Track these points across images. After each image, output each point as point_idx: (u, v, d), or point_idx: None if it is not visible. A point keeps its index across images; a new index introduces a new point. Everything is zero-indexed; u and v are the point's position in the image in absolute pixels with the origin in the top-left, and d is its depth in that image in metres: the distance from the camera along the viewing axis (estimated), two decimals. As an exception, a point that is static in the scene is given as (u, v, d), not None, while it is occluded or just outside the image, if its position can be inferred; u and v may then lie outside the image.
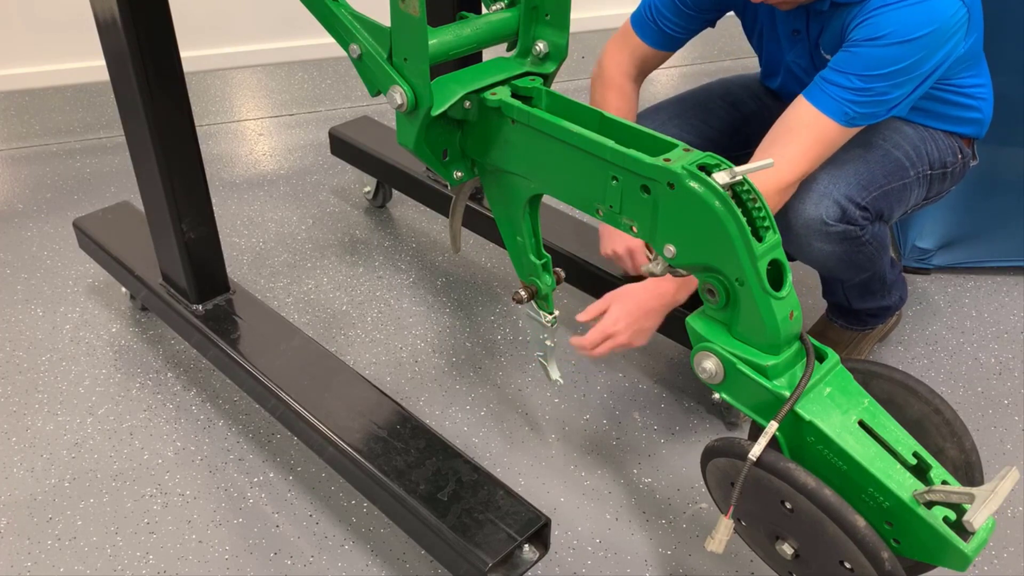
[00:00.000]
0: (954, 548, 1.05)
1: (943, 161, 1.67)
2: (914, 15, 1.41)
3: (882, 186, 1.60)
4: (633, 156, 1.10)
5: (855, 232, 1.58)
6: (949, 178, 1.71)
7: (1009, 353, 1.98)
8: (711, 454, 1.20)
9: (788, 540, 1.17)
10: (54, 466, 1.73)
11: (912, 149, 1.64)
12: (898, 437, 1.12)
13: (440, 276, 2.24)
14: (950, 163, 1.68)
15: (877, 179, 1.59)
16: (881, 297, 1.84)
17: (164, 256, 1.83)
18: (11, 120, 2.95)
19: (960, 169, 1.72)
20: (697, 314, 1.18)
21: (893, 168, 1.62)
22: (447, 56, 1.27)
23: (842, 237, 1.57)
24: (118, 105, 1.67)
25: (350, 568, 1.54)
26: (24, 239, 2.39)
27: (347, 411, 1.56)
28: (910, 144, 1.64)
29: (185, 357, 1.98)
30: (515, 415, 1.84)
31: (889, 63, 1.42)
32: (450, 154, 1.35)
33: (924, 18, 1.41)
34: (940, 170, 1.68)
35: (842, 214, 1.56)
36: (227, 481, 1.69)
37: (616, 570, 1.53)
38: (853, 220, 1.57)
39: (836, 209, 1.55)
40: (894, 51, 1.42)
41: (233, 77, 3.23)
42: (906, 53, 1.42)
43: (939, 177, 1.69)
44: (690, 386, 1.90)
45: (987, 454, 1.66)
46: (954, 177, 1.72)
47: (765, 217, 1.07)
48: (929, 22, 1.41)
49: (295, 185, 2.63)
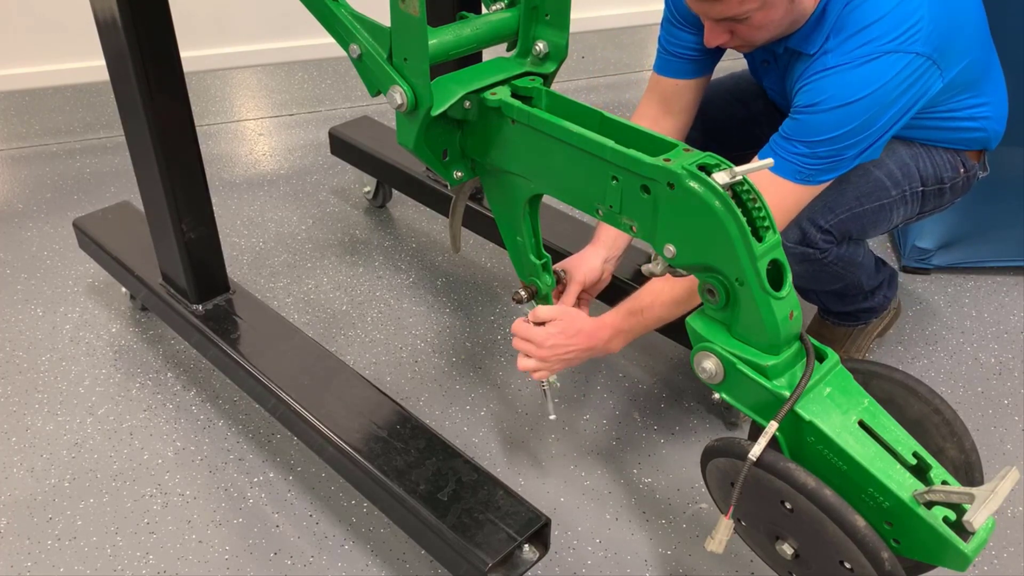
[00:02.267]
0: (954, 548, 1.05)
1: (938, 177, 1.62)
2: (851, 79, 1.35)
3: (851, 208, 1.56)
4: (633, 156, 1.10)
5: (815, 255, 1.56)
6: (949, 193, 1.66)
7: (1009, 353, 1.98)
8: (711, 454, 1.20)
9: (788, 540, 1.17)
10: (54, 466, 1.73)
11: (898, 168, 1.58)
12: (898, 437, 1.12)
13: (440, 276, 2.24)
14: (948, 178, 1.63)
15: (847, 200, 1.56)
16: (862, 300, 1.83)
17: (164, 256, 1.83)
18: (11, 120, 2.96)
19: (963, 183, 1.66)
20: (697, 314, 1.18)
21: (870, 189, 1.57)
22: (447, 56, 1.27)
23: (801, 258, 1.56)
24: (118, 105, 1.67)
25: (350, 568, 1.54)
26: (24, 239, 2.39)
27: (347, 411, 1.56)
28: (897, 163, 1.58)
29: (185, 357, 1.98)
30: (515, 415, 1.84)
31: (832, 128, 1.37)
32: (450, 154, 1.35)
33: (862, 81, 1.35)
34: (935, 186, 1.63)
35: (802, 236, 1.54)
36: (227, 481, 1.69)
37: (616, 570, 1.53)
38: (813, 243, 1.55)
39: (796, 231, 1.54)
40: (834, 115, 1.37)
41: (233, 77, 3.23)
42: (848, 116, 1.36)
43: (934, 193, 1.64)
44: (690, 386, 1.90)
45: (987, 454, 1.66)
46: (956, 191, 1.67)
47: (765, 217, 1.07)
48: (867, 84, 1.35)
49: (295, 185, 2.63)
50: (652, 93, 1.70)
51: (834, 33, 1.39)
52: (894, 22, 1.36)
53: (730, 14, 1.38)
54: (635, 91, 2.15)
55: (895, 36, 1.36)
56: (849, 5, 1.39)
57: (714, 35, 1.45)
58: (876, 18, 1.36)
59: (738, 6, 1.35)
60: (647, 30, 3.44)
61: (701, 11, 1.41)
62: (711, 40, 1.46)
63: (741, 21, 1.39)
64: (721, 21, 1.42)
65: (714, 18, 1.42)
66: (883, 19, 1.36)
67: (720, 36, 1.45)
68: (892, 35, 1.36)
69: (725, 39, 1.46)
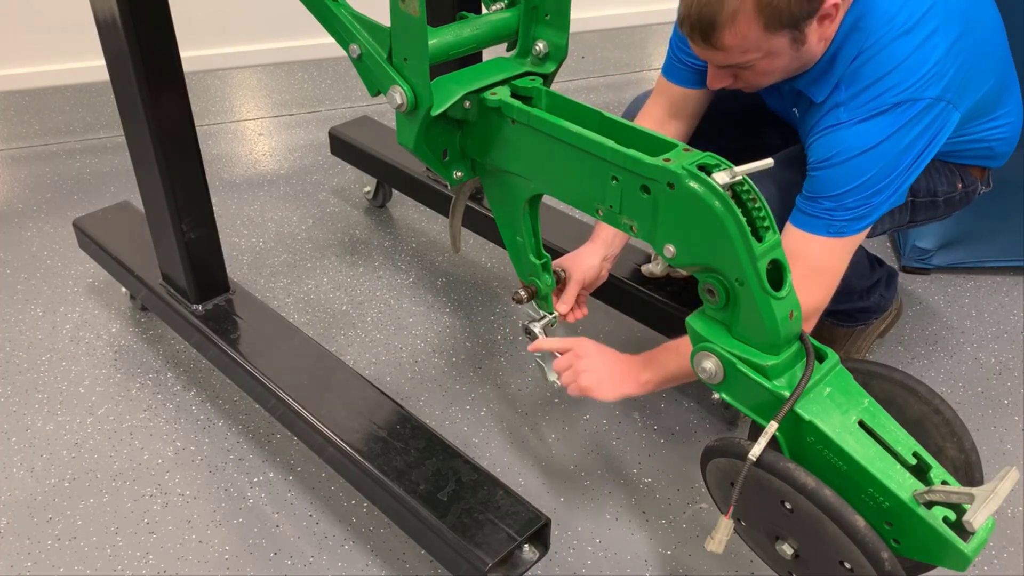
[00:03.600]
0: (954, 548, 1.05)
1: (931, 190, 1.61)
2: (864, 130, 1.34)
3: None
4: (633, 156, 1.10)
5: None
6: (943, 206, 1.64)
7: (1009, 353, 1.98)
8: (711, 454, 1.20)
9: (788, 540, 1.17)
10: (54, 466, 1.73)
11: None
12: (898, 437, 1.12)
13: (440, 276, 2.24)
14: (942, 192, 1.62)
15: None
16: (858, 299, 1.83)
17: (164, 256, 1.83)
18: (11, 120, 2.96)
19: (961, 198, 1.65)
20: (697, 314, 1.18)
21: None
22: (447, 56, 1.27)
23: None
24: (118, 105, 1.67)
25: (350, 568, 1.54)
26: (24, 239, 2.39)
27: (347, 411, 1.56)
28: None
29: (185, 357, 1.98)
30: (515, 415, 1.84)
31: (853, 178, 1.35)
32: (450, 154, 1.35)
33: (875, 130, 1.33)
34: (927, 198, 1.62)
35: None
36: (227, 481, 1.69)
37: (616, 570, 1.53)
38: None
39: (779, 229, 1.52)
40: (851, 165, 1.35)
41: (233, 77, 3.23)
42: (866, 164, 1.34)
43: (925, 205, 1.63)
44: (690, 386, 1.89)
45: (987, 454, 1.66)
46: (951, 204, 1.65)
47: (765, 217, 1.07)
48: (880, 132, 1.33)
49: (295, 185, 2.63)
50: (660, 96, 1.69)
51: (845, 84, 1.37)
52: (907, 71, 1.33)
53: (733, 62, 1.36)
54: (635, 91, 2.15)
55: (907, 86, 1.33)
56: (861, 57, 1.35)
57: (717, 79, 1.43)
58: (889, 69, 1.33)
59: (740, 56, 1.33)
60: (647, 30, 3.44)
61: (705, 58, 1.40)
62: (713, 83, 1.44)
63: (745, 68, 1.38)
64: (725, 67, 1.41)
65: (718, 65, 1.41)
66: (896, 69, 1.33)
67: (724, 80, 1.44)
68: (904, 85, 1.33)
69: (728, 83, 1.44)
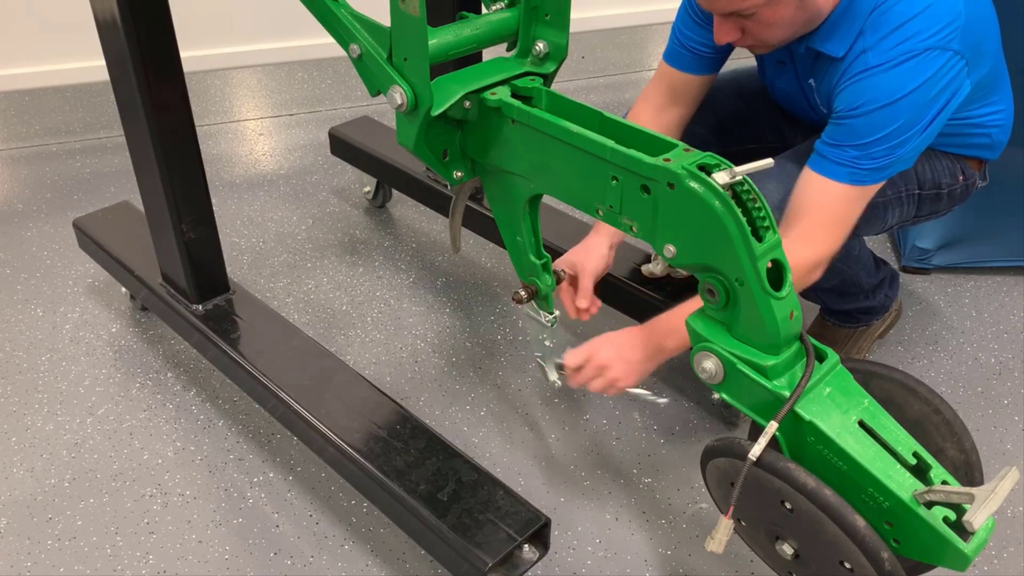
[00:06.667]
0: (954, 548, 1.06)
1: (936, 182, 1.62)
2: (893, 77, 1.35)
3: None
4: (633, 156, 1.10)
5: None
6: (946, 199, 1.66)
7: (1009, 353, 1.98)
8: (711, 454, 1.20)
9: (788, 540, 1.17)
10: (54, 466, 1.73)
11: None
12: (898, 437, 1.12)
13: (440, 276, 2.24)
14: (946, 184, 1.63)
15: None
16: (864, 299, 1.83)
17: (164, 256, 1.83)
18: (11, 120, 2.96)
19: (962, 191, 1.66)
20: (697, 314, 1.18)
21: None
22: (447, 56, 1.27)
23: None
24: (118, 105, 1.67)
25: (350, 568, 1.54)
26: (24, 239, 2.39)
27: (347, 411, 1.56)
28: None
29: (185, 357, 1.98)
30: (515, 415, 1.84)
31: (881, 127, 1.36)
32: (450, 154, 1.35)
33: (905, 77, 1.34)
34: (932, 191, 1.63)
35: None
36: (227, 481, 1.69)
37: (616, 570, 1.53)
38: None
39: None
40: (880, 115, 1.36)
41: (233, 77, 3.23)
42: (895, 114, 1.36)
43: (931, 198, 1.64)
44: (690, 386, 1.89)
45: (987, 454, 1.66)
46: (953, 198, 1.67)
47: (765, 217, 1.07)
48: (910, 81, 1.34)
49: (295, 185, 2.63)
50: (660, 81, 1.70)
51: (870, 30, 1.38)
52: (933, 17, 1.35)
53: (735, 8, 1.37)
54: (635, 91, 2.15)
55: (935, 31, 1.35)
56: (880, 8, 1.37)
57: (723, 31, 1.44)
58: (917, 11, 1.35)
59: (741, 1, 1.35)
60: (647, 30, 3.44)
61: (708, 5, 1.41)
62: (720, 36, 1.45)
63: (749, 17, 1.39)
64: (729, 16, 1.41)
65: (721, 12, 1.41)
66: (924, 13, 1.35)
67: (729, 33, 1.44)
68: (932, 30, 1.35)
69: (735, 36, 1.45)
